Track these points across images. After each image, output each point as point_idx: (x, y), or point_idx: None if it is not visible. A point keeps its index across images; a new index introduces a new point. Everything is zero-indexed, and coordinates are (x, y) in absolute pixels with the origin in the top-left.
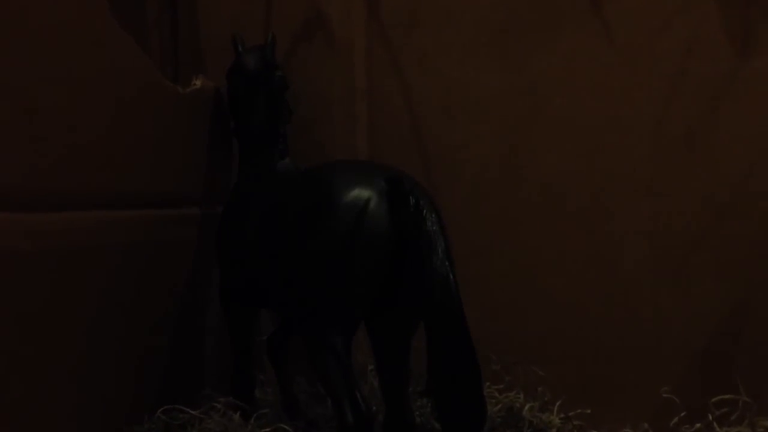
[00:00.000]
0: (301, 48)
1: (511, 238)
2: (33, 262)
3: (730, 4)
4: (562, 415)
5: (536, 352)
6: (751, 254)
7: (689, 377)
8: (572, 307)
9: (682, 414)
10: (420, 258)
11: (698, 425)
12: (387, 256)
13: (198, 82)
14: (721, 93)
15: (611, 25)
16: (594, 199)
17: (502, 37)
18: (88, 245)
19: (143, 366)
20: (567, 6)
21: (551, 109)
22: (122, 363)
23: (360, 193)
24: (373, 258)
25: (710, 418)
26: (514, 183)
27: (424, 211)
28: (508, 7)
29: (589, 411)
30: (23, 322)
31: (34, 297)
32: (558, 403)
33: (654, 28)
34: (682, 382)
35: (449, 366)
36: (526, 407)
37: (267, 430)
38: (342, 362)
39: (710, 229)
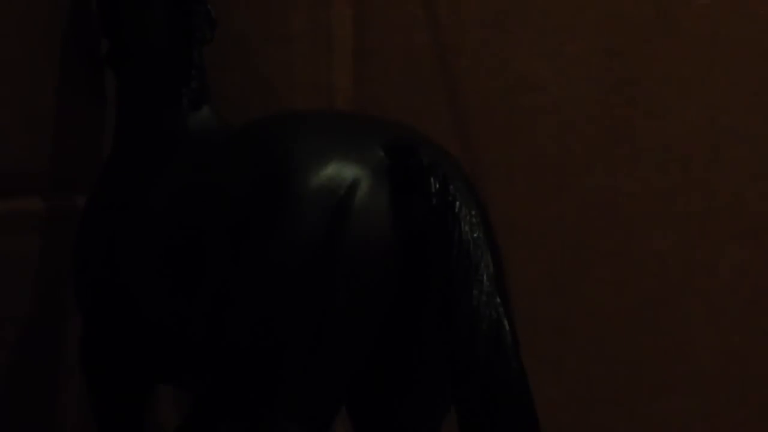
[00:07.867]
0: None
1: (616, 255)
2: None
3: None
4: None
5: None
6: None
7: None
8: (728, 378)
9: None
10: (448, 289)
11: None
12: (388, 285)
13: None
14: None
15: None
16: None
17: None
18: None
19: None
20: None
21: (683, 31)
22: None
23: (340, 171)
24: (364, 288)
25: None
26: (622, 158)
27: (457, 204)
28: None
29: None
30: None
31: None
32: None
33: None
34: None
35: None
36: None
37: None
38: None
39: None
